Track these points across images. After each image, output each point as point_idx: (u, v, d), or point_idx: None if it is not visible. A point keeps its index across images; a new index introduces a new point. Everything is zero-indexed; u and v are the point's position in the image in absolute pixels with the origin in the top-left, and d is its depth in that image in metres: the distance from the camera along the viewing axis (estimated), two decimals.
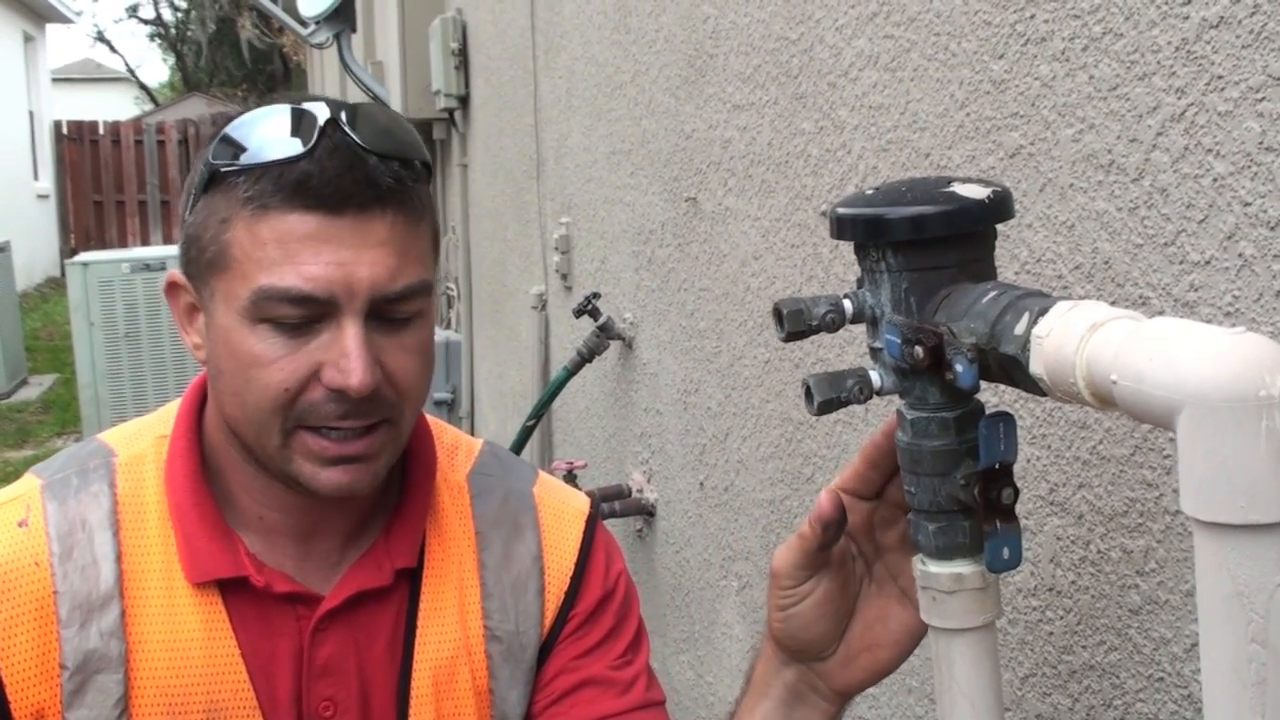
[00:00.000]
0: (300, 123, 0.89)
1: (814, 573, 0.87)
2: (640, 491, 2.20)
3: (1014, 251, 1.02)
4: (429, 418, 1.08)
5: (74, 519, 0.95)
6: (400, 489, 1.03)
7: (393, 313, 0.91)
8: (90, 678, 0.91)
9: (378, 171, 0.89)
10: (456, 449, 1.09)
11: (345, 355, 0.88)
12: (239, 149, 0.89)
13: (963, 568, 0.81)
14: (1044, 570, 1.02)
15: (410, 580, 1.02)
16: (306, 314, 0.88)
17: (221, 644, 0.95)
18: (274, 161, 0.88)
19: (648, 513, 2.17)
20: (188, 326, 0.97)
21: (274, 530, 0.98)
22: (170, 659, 0.94)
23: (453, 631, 1.01)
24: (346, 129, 0.89)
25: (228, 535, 0.96)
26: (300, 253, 0.87)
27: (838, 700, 0.91)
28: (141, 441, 1.00)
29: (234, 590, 0.96)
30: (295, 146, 0.87)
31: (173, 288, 0.97)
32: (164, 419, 1.02)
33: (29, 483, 0.98)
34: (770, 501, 1.63)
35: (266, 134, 0.89)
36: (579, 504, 1.11)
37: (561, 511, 1.09)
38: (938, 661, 0.83)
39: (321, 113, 0.89)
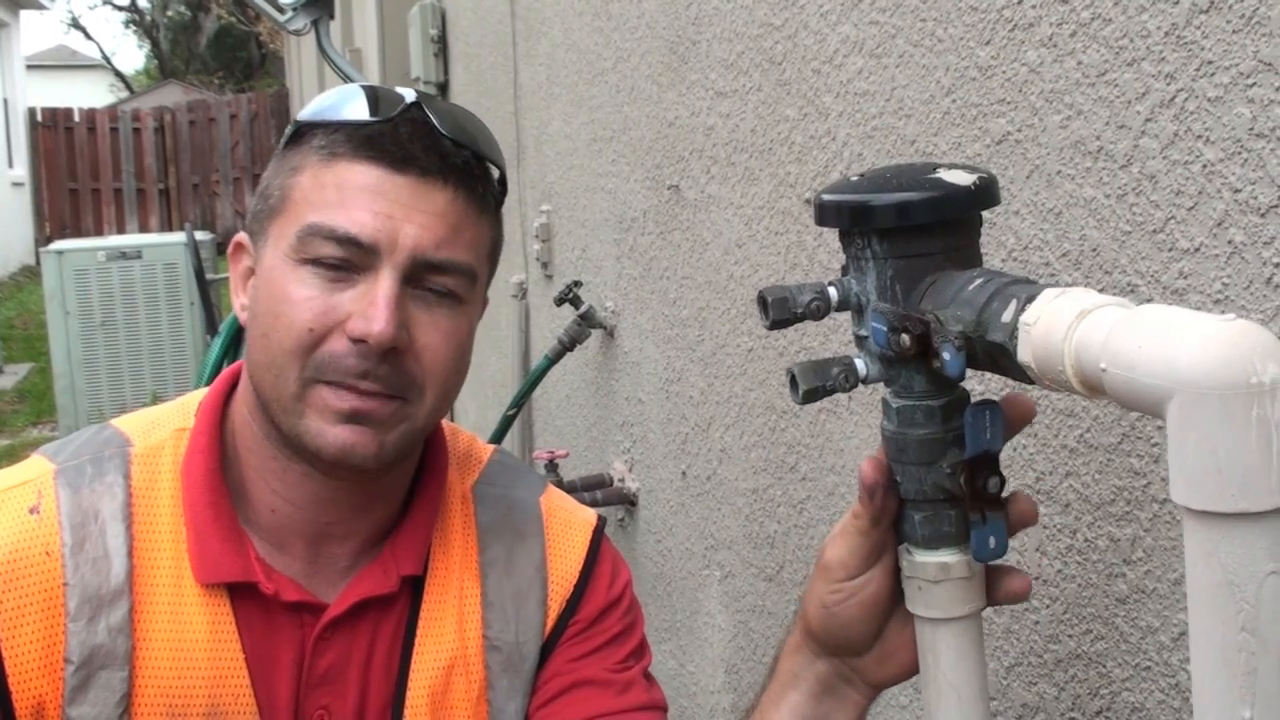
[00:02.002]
0: (386, 98, 0.94)
1: (870, 563, 0.83)
2: (622, 481, 2.19)
3: (1000, 239, 1.02)
4: (444, 423, 1.07)
5: (87, 509, 0.93)
6: (412, 497, 1.02)
7: (431, 283, 0.92)
8: (95, 674, 0.90)
9: (448, 149, 0.93)
10: (469, 456, 1.09)
11: (373, 304, 0.89)
12: (325, 110, 0.95)
13: (948, 557, 0.80)
14: (1030, 559, 1.02)
15: (414, 588, 1.01)
16: (347, 258, 0.90)
17: (226, 647, 0.93)
18: (353, 120, 0.93)
19: (629, 502, 2.16)
20: (240, 289, 0.98)
21: (286, 528, 0.97)
22: (175, 659, 0.92)
23: (450, 641, 1.00)
24: (427, 111, 0.94)
25: (239, 537, 0.95)
26: (356, 199, 0.90)
27: (870, 693, 0.89)
28: (159, 432, 0.99)
29: (241, 593, 0.94)
30: (376, 113, 0.93)
31: (237, 249, 0.99)
32: (184, 410, 1.00)
33: (40, 466, 0.96)
34: (753, 490, 1.62)
35: (352, 103, 0.94)
36: (586, 516, 1.10)
37: (568, 522, 1.08)
38: (923, 651, 0.83)
39: (408, 95, 0.95)
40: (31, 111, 14.86)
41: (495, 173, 0.99)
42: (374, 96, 0.94)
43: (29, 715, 0.89)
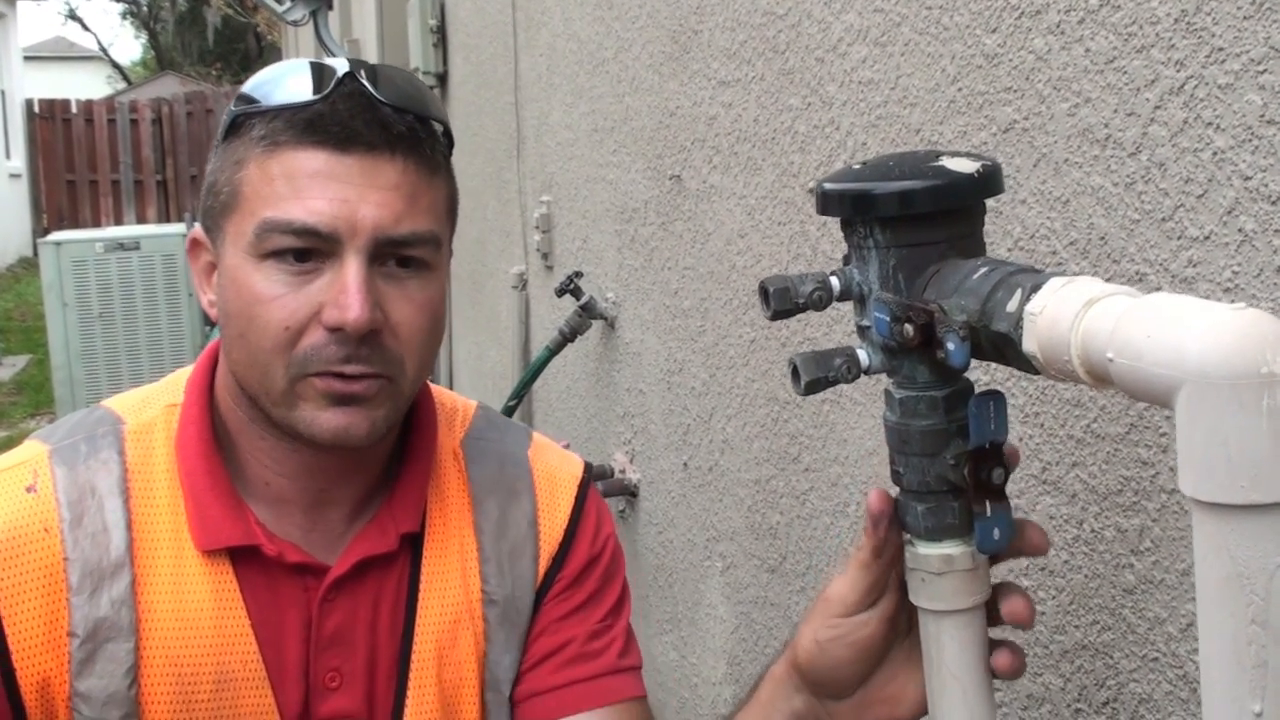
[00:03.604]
0: (319, 74, 0.92)
1: (869, 602, 0.83)
2: (623, 472, 2.18)
3: (1007, 228, 1.01)
4: (428, 382, 1.08)
5: (83, 485, 0.94)
6: (403, 456, 1.03)
7: (397, 258, 0.91)
8: (100, 646, 0.91)
9: (390, 118, 0.91)
10: (455, 413, 1.10)
11: (344, 291, 0.88)
12: (258, 91, 0.93)
13: (952, 549, 0.80)
14: None
15: (413, 546, 1.01)
16: (309, 248, 0.89)
17: (231, 613, 0.94)
18: (289, 104, 0.91)
19: (630, 493, 2.16)
20: (205, 285, 0.98)
21: (282, 499, 0.98)
22: (180, 628, 0.93)
23: (455, 595, 1.01)
24: (364, 81, 0.92)
25: (238, 504, 0.96)
26: (307, 188, 0.89)
27: None
28: (150, 410, 1.00)
29: (244, 559, 0.95)
30: (311, 92, 0.91)
31: (194, 245, 0.98)
32: (173, 388, 1.02)
33: (34, 448, 0.97)
34: (755, 481, 1.61)
35: (285, 82, 0.92)
36: (572, 468, 1.11)
37: (555, 475, 1.09)
38: (926, 643, 0.82)
39: (340, 66, 0.93)
40: (29, 103, 14.81)
41: (439, 128, 0.98)
42: (307, 73, 0.92)
43: (34, 690, 0.90)
